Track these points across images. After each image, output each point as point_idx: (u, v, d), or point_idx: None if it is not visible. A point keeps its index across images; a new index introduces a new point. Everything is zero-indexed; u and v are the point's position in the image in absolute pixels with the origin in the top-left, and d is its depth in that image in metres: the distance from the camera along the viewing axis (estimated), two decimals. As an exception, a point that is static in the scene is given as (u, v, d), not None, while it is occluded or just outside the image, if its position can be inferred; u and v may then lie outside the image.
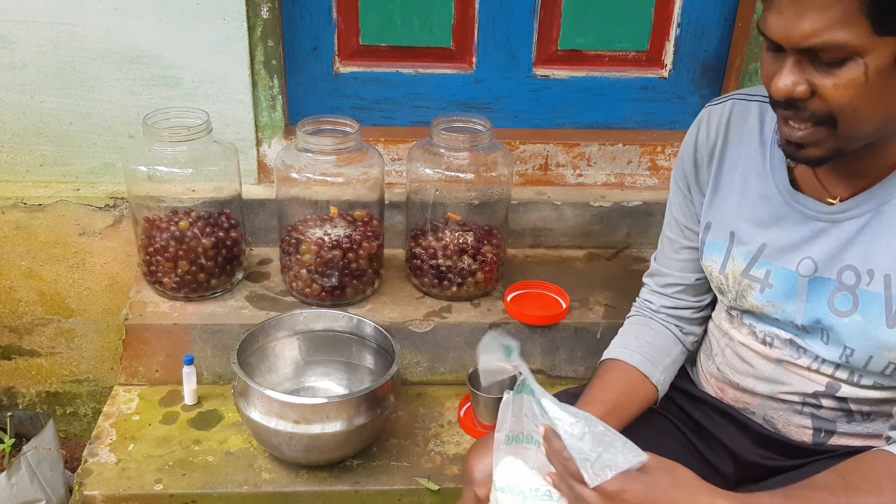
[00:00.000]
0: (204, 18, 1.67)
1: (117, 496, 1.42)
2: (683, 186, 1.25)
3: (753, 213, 1.14)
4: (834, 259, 1.07)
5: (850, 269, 1.06)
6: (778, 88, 0.94)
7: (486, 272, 1.71)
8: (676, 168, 1.27)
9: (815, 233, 1.08)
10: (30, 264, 1.82)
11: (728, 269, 1.18)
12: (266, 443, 1.46)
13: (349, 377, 1.64)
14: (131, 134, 1.76)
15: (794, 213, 1.10)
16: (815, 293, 1.09)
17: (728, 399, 1.26)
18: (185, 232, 1.63)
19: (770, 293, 1.13)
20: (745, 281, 1.16)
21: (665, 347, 1.29)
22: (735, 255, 1.17)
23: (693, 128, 1.23)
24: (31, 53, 1.67)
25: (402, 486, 1.48)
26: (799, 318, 1.11)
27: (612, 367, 1.25)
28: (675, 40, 1.90)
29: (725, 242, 1.18)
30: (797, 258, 1.10)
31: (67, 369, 1.94)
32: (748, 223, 1.15)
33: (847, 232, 1.06)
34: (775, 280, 1.12)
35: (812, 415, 1.17)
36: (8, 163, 1.78)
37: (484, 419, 1.58)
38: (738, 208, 1.16)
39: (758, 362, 1.19)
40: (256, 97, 1.78)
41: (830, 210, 1.07)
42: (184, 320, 1.64)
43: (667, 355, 1.28)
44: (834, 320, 1.08)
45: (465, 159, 1.65)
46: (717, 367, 1.27)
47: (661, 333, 1.30)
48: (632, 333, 1.30)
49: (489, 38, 1.87)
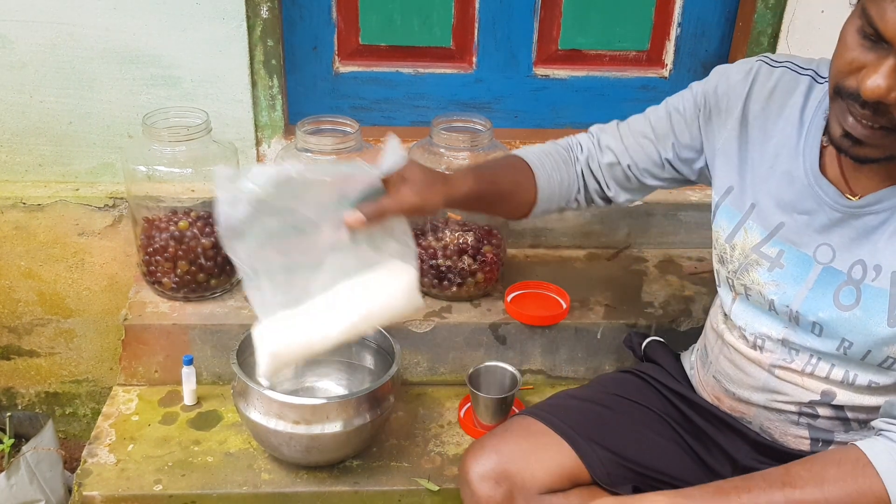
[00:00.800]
0: (203, 18, 1.67)
1: (116, 497, 1.42)
2: (682, 108, 1.23)
3: (777, 190, 1.12)
4: (849, 251, 1.06)
5: (859, 264, 1.05)
6: (869, 88, 0.89)
7: (486, 272, 1.71)
8: (690, 90, 1.24)
9: (833, 222, 1.07)
10: (29, 264, 1.82)
11: (737, 239, 1.16)
12: (266, 443, 1.46)
13: (349, 377, 1.63)
14: (131, 134, 1.76)
15: (815, 198, 1.08)
16: (824, 283, 1.08)
17: (724, 408, 1.26)
18: (185, 232, 1.62)
19: (779, 273, 1.11)
20: (753, 256, 1.14)
21: (562, 159, 1.32)
22: (749, 227, 1.15)
23: (742, 70, 1.17)
24: (31, 53, 1.67)
25: (401, 487, 1.48)
26: (797, 304, 1.10)
27: (511, 155, 1.31)
28: (676, 40, 1.90)
29: (741, 213, 1.16)
30: (815, 244, 1.09)
31: (67, 369, 1.94)
32: (770, 199, 1.13)
33: (864, 226, 1.05)
34: (787, 261, 1.11)
35: (809, 425, 1.16)
36: (7, 163, 1.78)
37: (484, 419, 1.57)
38: (764, 182, 1.13)
39: (751, 369, 1.18)
40: (256, 97, 1.78)
41: (851, 204, 1.06)
42: (183, 320, 1.63)
43: (557, 169, 1.30)
44: (834, 313, 1.07)
45: (466, 159, 1.65)
46: (712, 375, 1.26)
47: (563, 152, 1.33)
48: (542, 147, 1.33)
49: (489, 38, 1.87)
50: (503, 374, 1.61)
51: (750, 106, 1.16)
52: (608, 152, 1.30)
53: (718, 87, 1.19)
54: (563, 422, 1.25)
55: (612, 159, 1.30)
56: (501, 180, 1.23)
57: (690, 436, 1.29)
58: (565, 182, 1.31)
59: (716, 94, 1.20)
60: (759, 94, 1.15)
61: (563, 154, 1.33)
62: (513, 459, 1.20)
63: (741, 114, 1.16)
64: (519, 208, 1.29)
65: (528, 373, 1.72)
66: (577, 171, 1.32)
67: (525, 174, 1.27)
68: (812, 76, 1.12)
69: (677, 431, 1.29)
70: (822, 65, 1.13)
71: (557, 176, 1.30)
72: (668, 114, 1.26)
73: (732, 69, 1.19)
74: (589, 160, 1.32)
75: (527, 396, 1.70)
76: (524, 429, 1.25)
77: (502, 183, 1.24)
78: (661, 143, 1.26)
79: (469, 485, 1.21)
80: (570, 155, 1.33)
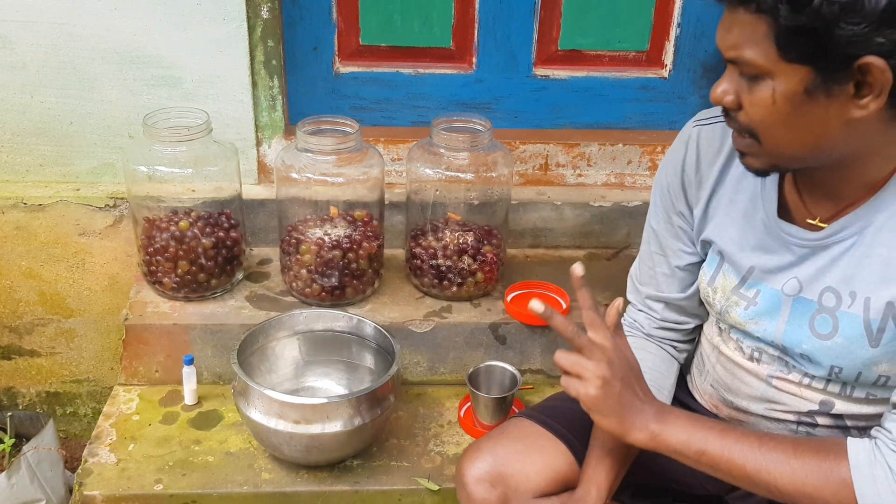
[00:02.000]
0: (204, 18, 1.67)
1: (117, 496, 1.42)
2: (669, 205, 1.23)
3: (741, 236, 1.14)
4: (817, 280, 1.07)
5: (829, 291, 1.05)
6: (713, 94, 0.98)
7: (486, 272, 1.71)
8: (659, 185, 1.25)
9: (800, 258, 1.08)
10: (30, 264, 1.82)
11: (718, 282, 1.18)
12: (266, 443, 1.46)
13: (349, 377, 1.64)
14: (131, 134, 1.76)
15: (779, 240, 1.10)
16: (797, 314, 1.09)
17: (723, 416, 1.25)
18: (185, 232, 1.63)
19: (754, 310, 1.13)
20: (733, 297, 1.15)
21: (665, 370, 1.27)
22: (727, 271, 1.16)
23: (679, 147, 1.20)
24: (31, 53, 1.67)
25: (402, 487, 1.48)
26: (779, 338, 1.11)
27: None
28: (676, 40, 1.90)
29: (717, 258, 1.18)
30: (784, 279, 1.10)
31: (67, 369, 1.94)
32: (737, 245, 1.14)
33: (831, 255, 1.05)
34: (762, 299, 1.12)
35: (808, 434, 1.15)
36: (8, 163, 1.78)
37: (484, 419, 1.58)
38: (726, 230, 1.15)
39: (749, 379, 1.18)
40: (256, 97, 1.78)
41: (815, 237, 1.06)
42: (184, 320, 1.64)
43: (667, 378, 1.27)
44: (816, 343, 1.07)
45: (465, 159, 1.65)
46: (710, 384, 1.26)
47: (658, 356, 1.28)
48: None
49: (489, 38, 1.87)
50: (503, 373, 1.61)
51: (703, 171, 1.17)
52: (657, 301, 1.29)
53: (670, 178, 1.22)
54: (560, 424, 1.24)
55: (661, 301, 1.28)
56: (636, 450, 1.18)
57: None
58: (673, 376, 1.29)
59: (667, 185, 1.22)
60: (707, 155, 1.17)
61: (660, 361, 1.28)
62: (508, 462, 1.20)
63: (696, 180, 1.18)
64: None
65: (528, 373, 1.73)
66: (668, 351, 1.30)
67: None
68: None
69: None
70: None
71: (669, 381, 1.27)
72: (657, 234, 1.27)
73: (668, 155, 1.23)
74: (665, 332, 1.30)
75: (527, 396, 1.71)
76: (520, 431, 1.25)
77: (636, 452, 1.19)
78: (671, 257, 1.26)
79: (465, 487, 1.21)
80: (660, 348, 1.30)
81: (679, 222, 1.23)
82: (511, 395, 1.56)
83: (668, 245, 1.25)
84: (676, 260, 1.25)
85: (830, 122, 0.93)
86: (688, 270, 1.25)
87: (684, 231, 1.23)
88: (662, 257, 1.26)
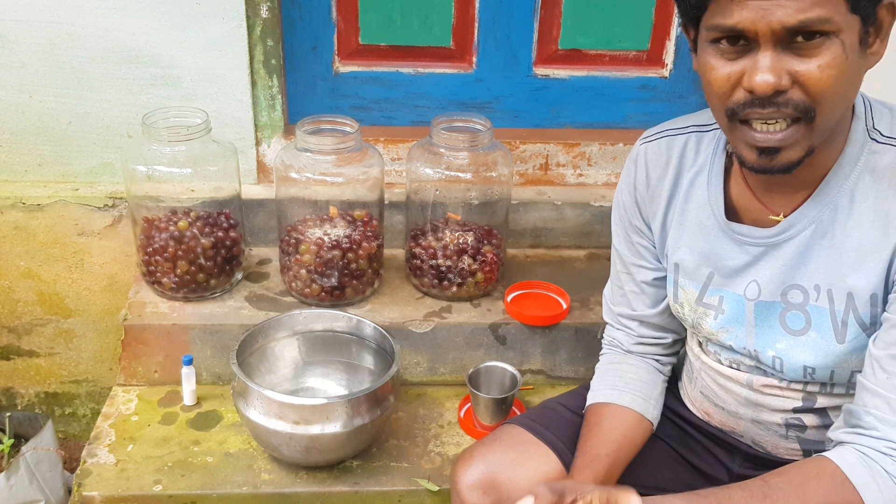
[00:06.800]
0: (203, 18, 1.67)
1: (116, 497, 1.41)
2: (627, 224, 1.24)
3: (693, 243, 1.14)
4: (777, 281, 1.07)
5: (795, 288, 1.05)
6: (758, 84, 0.90)
7: (486, 272, 1.71)
8: (616, 205, 1.26)
9: (756, 257, 1.08)
10: (28, 264, 1.81)
11: (680, 297, 1.18)
12: (265, 443, 1.46)
13: (349, 377, 1.63)
14: (130, 134, 1.76)
15: (731, 241, 1.10)
16: (763, 318, 1.09)
17: (714, 423, 1.26)
18: (185, 232, 1.62)
19: (723, 319, 1.13)
20: (700, 309, 1.16)
21: (650, 381, 1.27)
22: (683, 285, 1.17)
23: (630, 166, 1.22)
24: (30, 53, 1.67)
25: (401, 487, 1.47)
26: (751, 343, 1.11)
27: (607, 414, 1.22)
28: (676, 40, 1.90)
29: (672, 274, 1.19)
30: (745, 282, 1.10)
31: (66, 370, 1.94)
32: (691, 253, 1.15)
33: (789, 252, 1.05)
34: (728, 306, 1.12)
35: (798, 437, 1.16)
36: (6, 163, 1.78)
37: (484, 420, 1.57)
38: (682, 240, 1.16)
39: (731, 386, 1.19)
40: (256, 97, 1.78)
41: (767, 234, 1.06)
42: (183, 321, 1.63)
43: (653, 388, 1.26)
44: (791, 340, 1.07)
45: (465, 159, 1.64)
46: (699, 391, 1.27)
47: (643, 368, 1.28)
48: (614, 373, 1.27)
49: (489, 38, 1.87)
50: (503, 374, 1.61)
51: (653, 186, 1.19)
52: (632, 320, 1.28)
53: (625, 198, 1.23)
54: (551, 432, 1.25)
55: (639, 314, 1.28)
56: (624, 460, 1.19)
57: (682, 446, 1.29)
58: (659, 386, 1.28)
59: (623, 206, 1.24)
60: (656, 170, 1.18)
61: (644, 372, 1.28)
62: (500, 469, 1.21)
63: (648, 197, 1.19)
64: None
65: (528, 373, 1.72)
66: (651, 364, 1.29)
67: (635, 428, 1.22)
68: (694, 130, 1.16)
69: (668, 443, 1.29)
70: (699, 116, 1.18)
71: (656, 391, 1.27)
72: (621, 255, 1.27)
73: (622, 176, 1.24)
74: (645, 348, 1.29)
75: (527, 397, 1.70)
76: (512, 438, 1.26)
77: (625, 462, 1.20)
78: (636, 274, 1.26)
79: (458, 494, 1.22)
80: (642, 360, 1.29)
81: (638, 240, 1.24)
82: (511, 395, 1.56)
83: (631, 262, 1.26)
84: (641, 275, 1.25)
85: (861, 75, 0.93)
86: (655, 286, 1.25)
87: (645, 248, 1.24)
88: (628, 275, 1.27)
